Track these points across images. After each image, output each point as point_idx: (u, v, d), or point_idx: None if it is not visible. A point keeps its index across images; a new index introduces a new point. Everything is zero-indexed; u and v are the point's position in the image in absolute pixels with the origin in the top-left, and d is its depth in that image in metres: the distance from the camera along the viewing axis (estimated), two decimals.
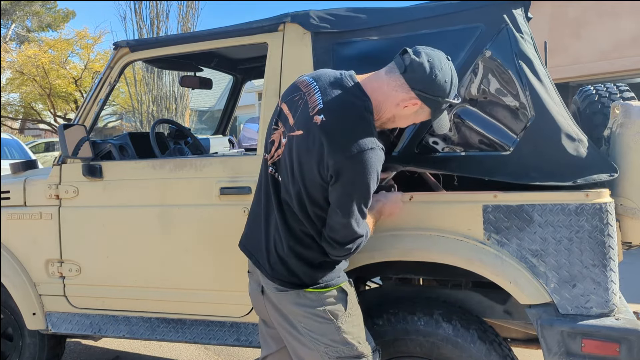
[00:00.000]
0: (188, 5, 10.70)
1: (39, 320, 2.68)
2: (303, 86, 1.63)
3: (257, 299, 1.78)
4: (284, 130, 1.62)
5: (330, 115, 1.52)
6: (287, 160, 1.60)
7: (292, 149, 1.57)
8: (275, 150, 1.65)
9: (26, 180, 2.70)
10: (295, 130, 1.57)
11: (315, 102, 1.56)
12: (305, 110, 1.57)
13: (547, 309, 1.83)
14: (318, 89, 1.59)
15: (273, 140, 1.67)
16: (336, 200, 1.53)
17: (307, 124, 1.54)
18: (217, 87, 20.18)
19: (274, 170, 1.66)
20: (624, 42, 8.73)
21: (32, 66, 18.93)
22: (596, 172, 1.81)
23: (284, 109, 1.66)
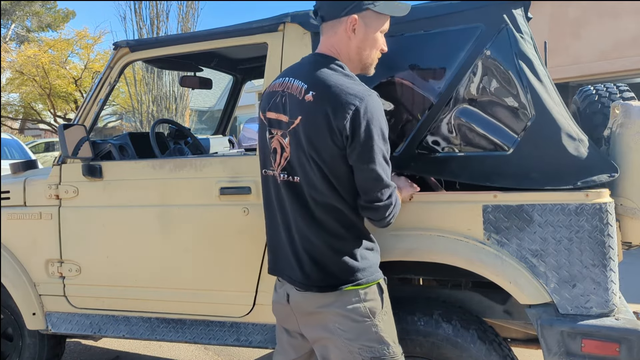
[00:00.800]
0: (188, 5, 10.70)
1: (39, 320, 2.68)
2: (277, 87, 1.65)
3: (283, 307, 1.72)
4: (282, 132, 1.61)
5: (317, 88, 1.53)
6: (299, 154, 1.56)
7: (300, 139, 1.55)
8: (281, 155, 1.62)
9: (26, 180, 2.70)
10: (294, 121, 1.56)
11: (297, 87, 1.57)
12: (293, 100, 1.57)
13: (547, 309, 1.83)
14: (292, 78, 1.60)
15: (275, 149, 1.64)
16: (358, 158, 1.51)
17: (302, 108, 1.54)
18: (217, 87, 20.18)
19: (287, 175, 1.61)
20: (624, 42, 8.73)
21: (32, 66, 18.94)
22: (597, 173, 1.81)
23: (271, 116, 1.65)
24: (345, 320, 1.58)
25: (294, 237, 1.62)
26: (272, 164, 1.66)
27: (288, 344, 1.78)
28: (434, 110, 1.99)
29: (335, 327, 1.59)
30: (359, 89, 1.52)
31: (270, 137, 1.65)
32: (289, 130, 1.58)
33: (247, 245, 2.26)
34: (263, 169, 1.72)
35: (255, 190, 2.24)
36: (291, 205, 1.61)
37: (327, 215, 1.57)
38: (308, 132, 1.53)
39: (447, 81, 1.97)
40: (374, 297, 1.60)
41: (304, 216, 1.58)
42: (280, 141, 1.61)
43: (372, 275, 1.61)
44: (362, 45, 1.62)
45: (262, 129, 1.70)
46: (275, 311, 1.79)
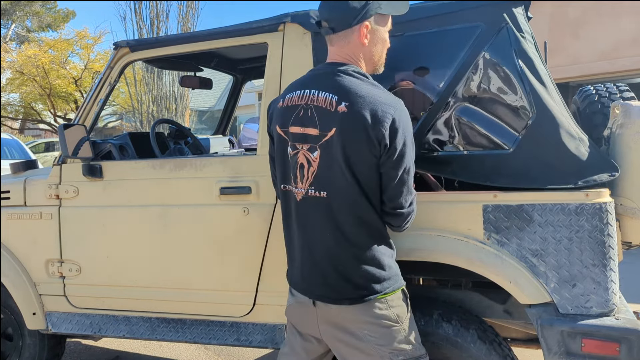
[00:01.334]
0: (188, 5, 10.70)
1: (39, 320, 2.68)
2: (297, 101, 1.62)
3: (304, 310, 1.70)
4: (310, 146, 1.58)
5: (350, 98, 1.52)
6: (331, 167, 1.56)
7: (334, 151, 1.54)
8: (308, 170, 1.59)
9: (26, 180, 2.70)
10: (327, 134, 1.54)
11: (326, 100, 1.55)
12: (322, 113, 1.55)
13: (547, 308, 1.83)
14: (315, 90, 1.58)
15: (302, 164, 1.60)
16: (392, 165, 1.53)
17: (335, 120, 1.53)
18: (217, 87, 20.19)
19: (314, 191, 1.59)
20: (624, 42, 8.73)
21: (32, 66, 18.93)
22: (597, 172, 1.81)
23: (295, 130, 1.61)
24: (375, 327, 1.60)
25: (319, 253, 1.61)
26: (294, 179, 1.63)
27: (301, 347, 1.77)
28: (434, 109, 1.99)
29: (364, 334, 1.60)
30: (390, 98, 1.54)
31: (295, 152, 1.62)
32: (320, 143, 1.56)
33: (247, 245, 2.26)
34: (282, 184, 1.69)
35: (255, 190, 2.24)
36: (316, 221, 1.60)
37: (357, 228, 1.58)
38: (344, 143, 1.52)
39: (447, 80, 1.98)
40: (400, 302, 1.64)
41: (331, 231, 1.58)
42: (307, 156, 1.59)
43: (397, 282, 1.64)
44: (375, 48, 1.65)
45: (282, 144, 1.66)
46: (292, 313, 1.77)
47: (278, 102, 1.71)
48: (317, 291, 1.64)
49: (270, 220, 2.21)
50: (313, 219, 1.61)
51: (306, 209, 1.61)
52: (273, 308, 2.26)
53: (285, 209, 1.71)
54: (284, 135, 1.66)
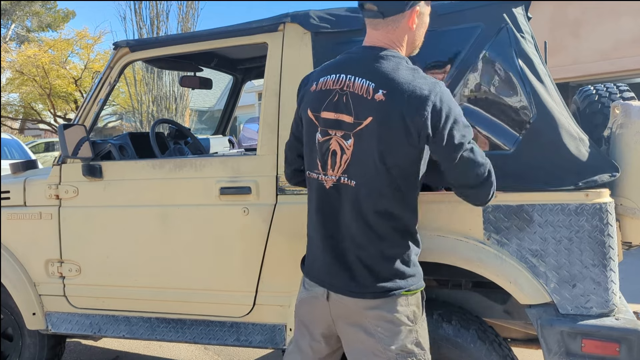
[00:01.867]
0: (188, 5, 10.70)
1: (39, 320, 2.68)
2: (331, 85, 1.55)
3: (317, 303, 1.64)
4: (344, 133, 1.52)
5: (388, 86, 1.47)
6: (364, 156, 1.50)
7: (369, 141, 1.48)
8: (341, 157, 1.53)
9: (26, 180, 2.70)
10: (362, 122, 1.48)
11: (362, 87, 1.49)
12: (358, 100, 1.49)
13: (547, 309, 1.83)
14: (352, 76, 1.52)
15: (334, 150, 1.54)
16: (448, 150, 1.47)
17: (372, 108, 1.47)
18: (217, 87, 20.18)
19: (345, 178, 1.53)
20: (624, 42, 8.73)
21: (32, 66, 18.93)
22: (598, 172, 1.81)
23: (328, 116, 1.55)
24: (389, 325, 1.55)
25: (344, 243, 1.56)
26: (322, 166, 1.57)
27: (308, 346, 1.73)
28: None
29: (377, 331, 1.55)
30: (428, 82, 1.48)
31: (327, 138, 1.55)
32: (354, 131, 1.50)
33: (247, 245, 2.26)
34: (308, 171, 1.64)
35: (255, 190, 2.24)
36: (345, 210, 1.55)
37: (384, 221, 1.53)
38: (381, 134, 1.46)
39: (447, 80, 1.97)
40: (417, 302, 1.59)
41: (358, 221, 1.53)
42: (341, 143, 1.53)
43: (420, 282, 1.59)
44: (419, 32, 1.61)
45: (311, 129, 1.60)
46: (302, 309, 1.72)
47: (310, 84, 1.63)
48: (338, 283, 1.57)
49: (270, 220, 2.21)
50: (341, 208, 1.55)
51: (335, 197, 1.55)
52: (273, 308, 2.26)
53: (311, 196, 1.65)
54: (314, 120, 1.59)
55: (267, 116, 2.25)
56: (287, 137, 2.19)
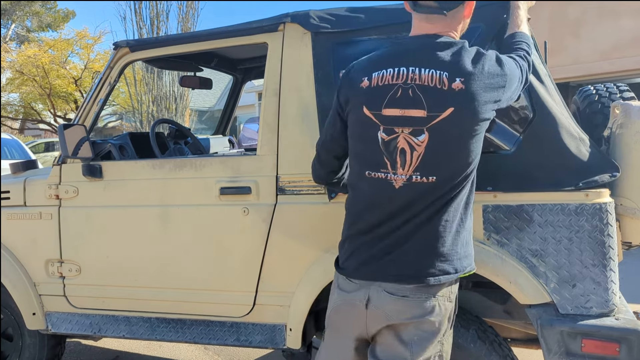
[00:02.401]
0: (188, 5, 10.70)
1: (39, 320, 2.68)
2: (391, 80, 1.48)
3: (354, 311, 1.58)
4: (414, 129, 1.44)
5: (463, 73, 1.43)
6: (443, 150, 1.44)
7: (448, 133, 1.43)
8: (411, 154, 1.45)
9: (26, 180, 2.70)
10: (439, 115, 1.42)
11: (433, 77, 1.43)
12: (431, 92, 1.43)
13: (547, 309, 1.83)
14: (415, 68, 1.46)
15: (403, 149, 1.46)
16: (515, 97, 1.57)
17: (452, 99, 1.42)
18: (217, 87, 20.19)
19: (419, 177, 1.45)
20: (624, 42, 8.73)
21: (32, 66, 18.93)
22: (599, 173, 1.81)
23: (392, 113, 1.47)
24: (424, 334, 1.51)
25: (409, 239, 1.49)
26: (392, 165, 1.48)
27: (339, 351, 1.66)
28: None
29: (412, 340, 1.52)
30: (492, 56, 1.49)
31: (394, 136, 1.47)
32: (429, 126, 1.43)
33: (247, 245, 2.26)
34: (367, 171, 1.53)
35: (255, 190, 2.24)
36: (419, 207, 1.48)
37: (464, 209, 1.51)
38: (465, 123, 1.42)
39: None
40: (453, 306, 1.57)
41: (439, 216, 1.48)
42: (409, 140, 1.45)
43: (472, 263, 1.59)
44: (469, 19, 1.60)
45: (370, 128, 1.50)
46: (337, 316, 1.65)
47: (358, 80, 1.54)
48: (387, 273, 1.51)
49: (270, 220, 2.21)
50: (414, 205, 1.48)
51: (405, 195, 1.48)
52: (273, 308, 2.26)
53: (366, 196, 1.55)
54: (373, 118, 1.50)
55: (267, 116, 2.25)
56: (287, 137, 2.21)
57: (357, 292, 1.57)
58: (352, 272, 1.58)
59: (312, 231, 2.16)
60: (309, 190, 2.16)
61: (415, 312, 1.50)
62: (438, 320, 1.52)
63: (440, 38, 1.49)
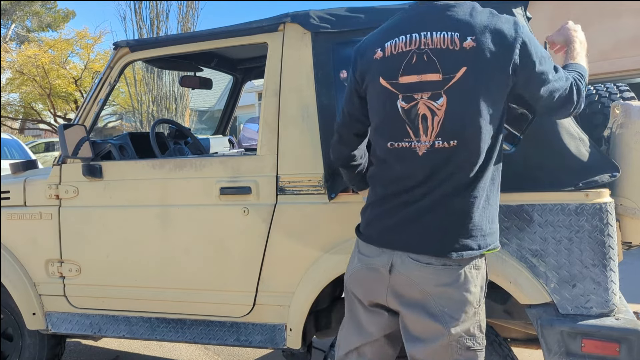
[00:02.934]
0: (188, 5, 10.69)
1: (39, 320, 2.68)
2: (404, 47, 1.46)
3: (376, 276, 1.55)
4: (432, 93, 1.43)
5: (474, 31, 1.40)
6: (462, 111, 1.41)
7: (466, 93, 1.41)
8: (432, 120, 1.43)
9: (26, 180, 2.70)
10: (454, 76, 1.40)
11: (445, 39, 1.41)
12: (444, 54, 1.41)
13: (547, 309, 1.83)
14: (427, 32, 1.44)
15: (424, 115, 1.44)
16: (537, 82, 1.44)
17: (464, 58, 1.40)
18: (217, 87, 20.18)
19: (442, 142, 1.43)
20: (624, 42, 8.73)
21: (32, 66, 18.93)
22: (598, 173, 1.80)
23: (409, 79, 1.45)
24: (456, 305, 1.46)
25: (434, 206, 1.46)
26: (414, 133, 1.46)
27: (369, 322, 1.62)
28: None
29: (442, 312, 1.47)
30: (508, 18, 1.44)
31: (414, 103, 1.45)
32: (445, 88, 1.41)
33: (247, 245, 2.26)
34: (389, 142, 1.51)
35: (255, 190, 2.24)
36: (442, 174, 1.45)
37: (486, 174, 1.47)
38: (480, 81, 1.40)
39: None
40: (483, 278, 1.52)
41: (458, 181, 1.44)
42: (429, 105, 1.43)
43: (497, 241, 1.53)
44: None
45: (388, 98, 1.49)
46: (355, 281, 1.62)
47: (373, 53, 1.52)
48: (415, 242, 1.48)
49: (270, 220, 2.21)
50: (439, 173, 1.45)
51: (431, 162, 1.45)
52: (273, 308, 2.26)
53: (395, 168, 1.52)
54: (391, 87, 1.48)
55: (267, 116, 2.25)
56: (287, 137, 2.21)
57: (379, 257, 1.54)
58: (375, 239, 1.56)
59: (312, 231, 2.16)
60: (309, 190, 2.16)
61: (442, 279, 1.46)
62: (467, 288, 1.47)
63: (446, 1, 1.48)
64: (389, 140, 1.51)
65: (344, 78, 2.21)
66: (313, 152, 2.16)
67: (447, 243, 1.46)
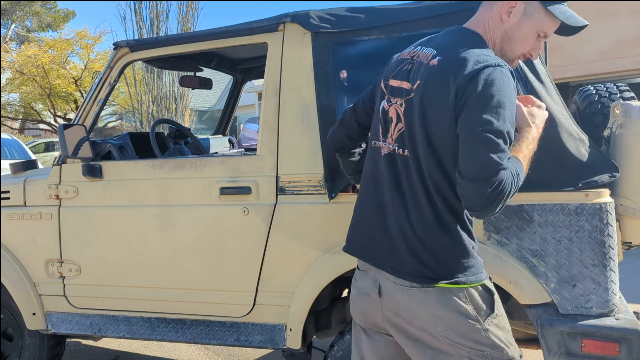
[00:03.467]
0: (188, 5, 10.70)
1: (39, 320, 2.68)
2: (406, 55, 1.54)
3: (369, 301, 1.53)
4: (402, 100, 1.47)
5: (445, 53, 1.41)
6: (411, 123, 1.43)
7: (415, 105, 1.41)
8: (396, 125, 1.48)
9: (26, 180, 2.70)
10: (413, 87, 1.44)
11: (427, 54, 1.45)
12: (419, 66, 1.45)
13: (547, 309, 1.84)
14: (424, 47, 1.49)
15: (391, 118, 1.50)
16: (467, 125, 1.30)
17: (425, 73, 1.42)
18: (217, 87, 20.18)
19: (398, 147, 1.46)
20: (624, 42, 8.73)
21: (32, 66, 18.93)
22: (598, 173, 1.81)
23: (394, 83, 1.52)
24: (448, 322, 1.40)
25: (392, 215, 1.46)
26: (383, 133, 1.52)
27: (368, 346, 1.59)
28: None
29: (437, 330, 1.41)
30: (491, 57, 1.36)
31: (389, 105, 1.52)
32: (407, 97, 1.46)
33: (247, 245, 2.26)
34: (372, 140, 1.58)
35: (255, 190, 2.24)
36: (402, 178, 1.46)
37: (435, 198, 1.40)
38: (423, 98, 1.40)
39: None
40: (479, 298, 1.42)
41: (412, 193, 1.42)
42: (398, 110, 1.48)
43: (475, 275, 1.42)
44: (510, 34, 1.45)
45: (380, 98, 1.57)
46: (358, 306, 1.59)
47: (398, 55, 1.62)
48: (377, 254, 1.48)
49: (270, 220, 2.21)
50: (392, 179, 1.47)
51: (387, 166, 1.49)
52: (273, 308, 2.27)
53: (368, 167, 1.59)
54: (383, 87, 1.57)
55: (267, 116, 2.25)
56: (287, 137, 2.21)
57: (366, 280, 1.53)
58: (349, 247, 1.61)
59: (312, 231, 2.16)
60: (309, 190, 2.16)
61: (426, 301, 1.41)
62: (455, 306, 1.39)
63: (462, 28, 1.50)
64: (373, 138, 1.59)
65: (344, 78, 2.21)
66: (313, 152, 2.16)
67: (403, 264, 1.43)
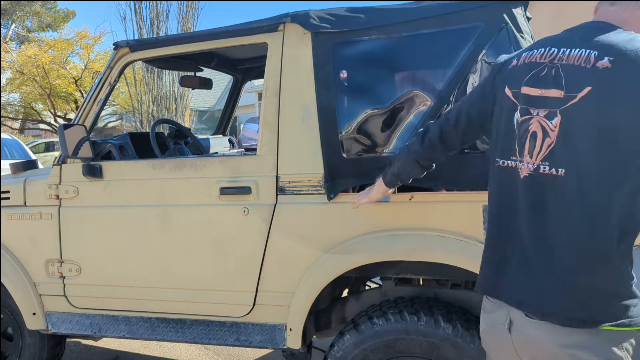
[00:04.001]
0: (188, 5, 10.69)
1: (39, 320, 2.68)
2: (539, 58, 1.31)
3: (498, 336, 1.38)
4: (548, 111, 1.25)
5: (615, 53, 1.20)
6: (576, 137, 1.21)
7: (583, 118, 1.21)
8: (543, 140, 1.25)
9: (26, 180, 2.70)
10: (575, 96, 1.22)
11: (581, 56, 1.24)
12: (572, 70, 1.23)
13: None
14: (567, 49, 1.27)
15: (534, 132, 1.27)
16: None
17: (592, 78, 1.20)
18: (217, 87, 20.18)
19: (547, 167, 1.24)
20: None
21: (32, 66, 18.94)
22: None
23: (530, 92, 1.30)
24: None
25: (537, 248, 1.27)
26: (519, 151, 1.31)
27: None
28: (434, 110, 1.99)
29: None
30: None
31: (527, 117, 1.29)
32: (562, 108, 1.24)
33: (247, 245, 2.26)
34: (500, 159, 1.36)
35: (255, 190, 2.24)
36: (539, 206, 1.26)
37: (598, 222, 1.20)
38: (605, 106, 1.19)
39: (447, 81, 1.97)
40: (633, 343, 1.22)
41: (560, 222, 1.23)
42: (543, 123, 1.26)
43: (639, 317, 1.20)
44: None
45: (508, 110, 1.35)
46: (486, 339, 1.46)
47: (511, 62, 1.40)
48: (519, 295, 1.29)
49: (270, 220, 2.21)
50: (537, 204, 1.27)
51: (530, 189, 1.28)
52: (273, 308, 2.27)
53: (499, 190, 1.38)
54: (512, 97, 1.34)
55: (267, 116, 2.25)
56: (287, 137, 2.21)
57: (497, 313, 1.38)
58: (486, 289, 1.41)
59: (312, 231, 2.16)
60: (309, 190, 2.16)
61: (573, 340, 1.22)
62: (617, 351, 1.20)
63: (609, 26, 1.30)
64: (500, 156, 1.38)
65: (344, 78, 2.21)
66: (313, 152, 2.16)
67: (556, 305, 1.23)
